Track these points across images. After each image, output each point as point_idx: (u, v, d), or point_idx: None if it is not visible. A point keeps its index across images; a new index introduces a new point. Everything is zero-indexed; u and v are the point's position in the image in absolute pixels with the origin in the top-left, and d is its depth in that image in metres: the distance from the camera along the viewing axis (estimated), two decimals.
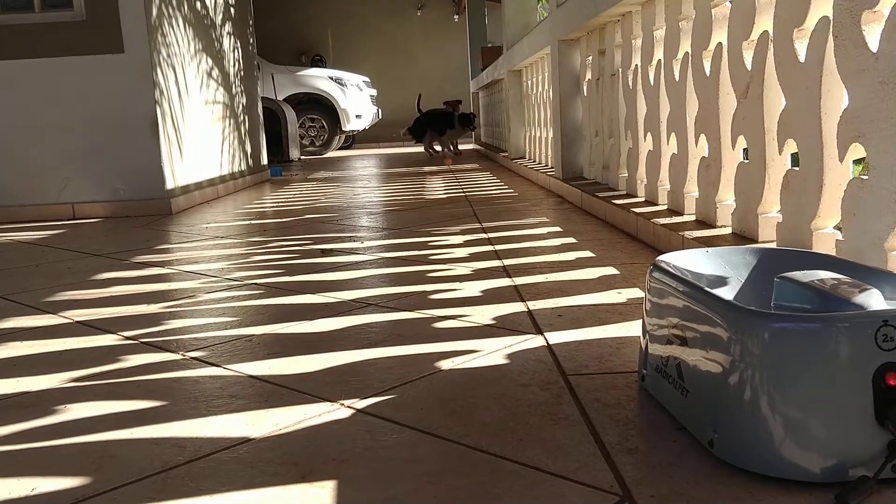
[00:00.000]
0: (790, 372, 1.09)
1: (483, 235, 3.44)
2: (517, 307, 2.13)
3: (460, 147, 11.02)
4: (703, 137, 2.78)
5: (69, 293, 2.65)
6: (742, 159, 2.50)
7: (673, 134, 3.10)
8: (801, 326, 1.12)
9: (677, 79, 3.01)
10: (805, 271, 1.27)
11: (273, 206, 5.44)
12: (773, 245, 2.18)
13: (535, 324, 1.95)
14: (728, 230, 2.52)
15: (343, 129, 12.83)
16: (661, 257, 1.49)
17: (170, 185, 5.20)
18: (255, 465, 1.24)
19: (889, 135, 1.62)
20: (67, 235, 4.33)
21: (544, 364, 1.64)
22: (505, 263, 2.76)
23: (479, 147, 12.57)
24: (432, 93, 13.61)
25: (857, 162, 1.91)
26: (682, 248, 2.23)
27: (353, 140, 15.17)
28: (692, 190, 2.94)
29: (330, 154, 12.90)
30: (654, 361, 1.40)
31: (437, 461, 1.22)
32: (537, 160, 6.73)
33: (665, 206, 3.24)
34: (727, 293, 1.43)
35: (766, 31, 2.22)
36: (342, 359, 1.77)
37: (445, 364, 1.68)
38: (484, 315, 2.06)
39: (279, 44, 15.04)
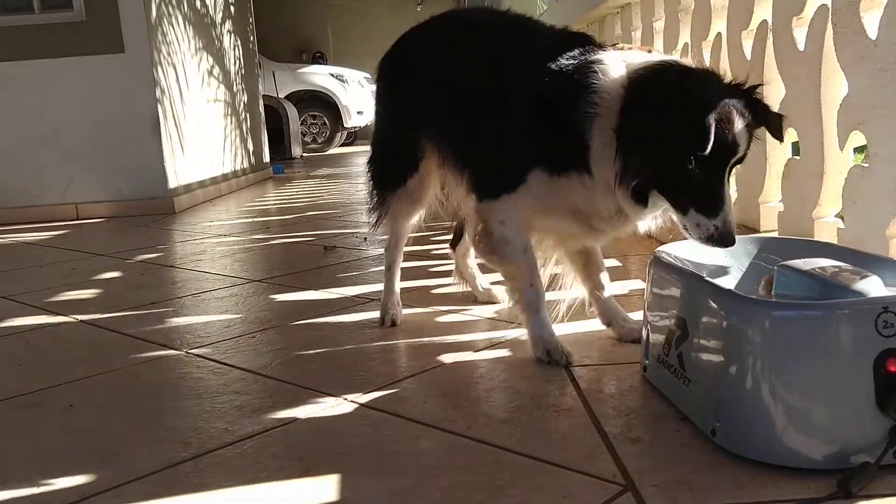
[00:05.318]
0: (791, 360, 1.10)
1: None
2: None
3: None
4: None
5: (73, 293, 2.66)
6: None
7: None
8: (802, 314, 1.12)
9: None
10: (805, 259, 1.27)
11: (275, 204, 5.44)
12: (775, 234, 2.18)
13: None
14: None
15: (345, 125, 12.82)
16: (661, 248, 1.49)
17: (172, 183, 5.21)
18: (259, 460, 1.24)
19: (889, 122, 1.61)
20: (71, 236, 4.34)
21: None
22: None
23: None
24: None
25: (858, 150, 1.90)
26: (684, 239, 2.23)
27: (356, 137, 15.16)
28: None
29: (332, 151, 12.90)
30: (656, 352, 1.40)
31: (440, 454, 1.23)
32: None
33: None
34: (728, 283, 1.43)
35: (765, 21, 2.22)
36: (345, 354, 1.77)
37: (448, 358, 1.68)
38: (486, 308, 2.06)
39: (280, 41, 15.03)
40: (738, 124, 1.29)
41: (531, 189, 1.51)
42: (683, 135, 1.28)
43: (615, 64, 1.40)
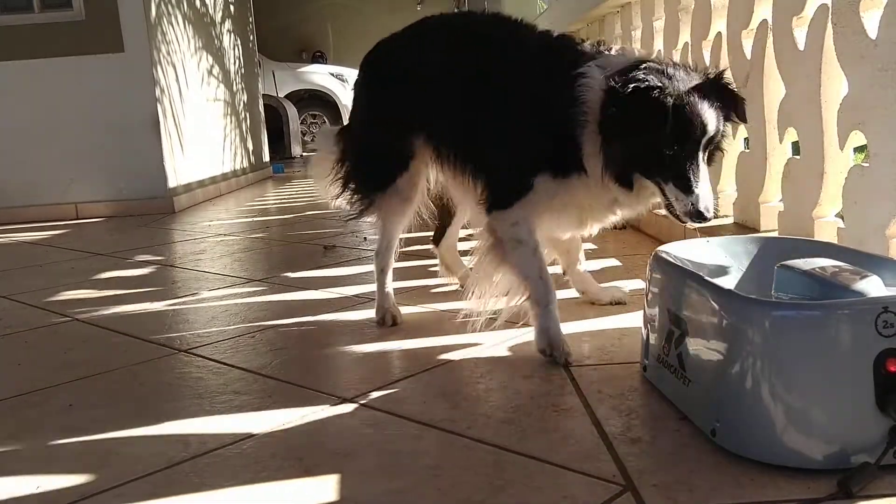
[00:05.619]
0: (791, 360, 1.10)
1: None
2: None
3: None
4: None
5: (72, 292, 2.66)
6: (743, 148, 2.49)
7: None
8: (802, 314, 1.12)
9: None
10: (805, 259, 1.27)
11: (275, 203, 5.44)
12: (775, 234, 2.18)
13: None
14: (730, 220, 2.52)
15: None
16: (661, 248, 1.49)
17: (172, 183, 5.21)
18: (259, 459, 1.24)
19: (889, 122, 1.61)
20: (71, 235, 4.34)
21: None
22: None
23: None
24: None
25: (858, 150, 1.90)
26: (684, 239, 2.23)
27: None
28: None
29: None
30: (656, 351, 1.40)
31: (440, 454, 1.23)
32: None
33: None
34: (728, 282, 1.43)
35: (765, 20, 2.22)
36: (345, 354, 1.77)
37: (448, 357, 1.68)
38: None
39: (280, 40, 15.03)
40: (702, 105, 1.41)
41: (539, 192, 1.63)
42: (650, 120, 1.40)
43: (598, 73, 1.52)
